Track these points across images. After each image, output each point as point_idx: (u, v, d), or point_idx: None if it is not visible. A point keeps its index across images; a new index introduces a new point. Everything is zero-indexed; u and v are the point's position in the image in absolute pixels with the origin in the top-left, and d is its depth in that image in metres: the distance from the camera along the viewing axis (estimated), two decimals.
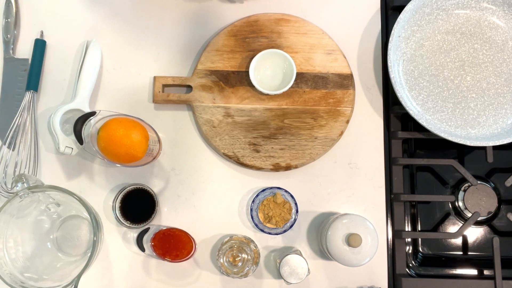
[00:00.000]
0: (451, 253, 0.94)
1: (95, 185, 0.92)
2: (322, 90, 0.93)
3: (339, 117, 0.93)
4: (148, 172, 0.93)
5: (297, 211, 0.88)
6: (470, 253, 0.94)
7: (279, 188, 0.89)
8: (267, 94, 0.92)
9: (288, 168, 0.92)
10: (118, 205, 0.88)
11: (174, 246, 0.85)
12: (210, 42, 0.95)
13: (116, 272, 0.90)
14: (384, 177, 0.94)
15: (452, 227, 0.95)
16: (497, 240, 0.90)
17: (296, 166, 0.92)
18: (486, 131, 0.93)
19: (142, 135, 0.82)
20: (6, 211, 0.79)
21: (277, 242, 0.92)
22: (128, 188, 0.89)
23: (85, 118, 0.81)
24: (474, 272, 0.93)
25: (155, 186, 0.92)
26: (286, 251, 0.89)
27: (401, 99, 0.89)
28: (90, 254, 0.78)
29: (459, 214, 0.94)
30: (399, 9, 0.93)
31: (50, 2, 0.97)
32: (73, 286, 0.76)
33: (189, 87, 0.94)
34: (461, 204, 0.93)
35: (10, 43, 0.95)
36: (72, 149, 0.89)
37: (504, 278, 0.89)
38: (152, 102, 0.94)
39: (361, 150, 0.94)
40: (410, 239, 0.94)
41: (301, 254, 0.86)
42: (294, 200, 0.88)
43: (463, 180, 0.94)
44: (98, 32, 0.97)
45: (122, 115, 0.83)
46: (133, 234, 0.91)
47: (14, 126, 0.89)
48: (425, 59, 0.95)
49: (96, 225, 0.79)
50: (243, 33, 0.95)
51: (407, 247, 0.93)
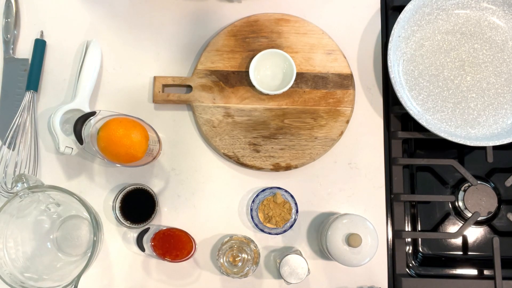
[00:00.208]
0: (451, 253, 0.94)
1: (95, 185, 0.92)
2: (322, 90, 0.93)
3: (339, 117, 0.93)
4: (148, 172, 0.93)
5: (297, 211, 0.88)
6: (470, 253, 0.94)
7: (279, 188, 0.89)
8: (267, 94, 0.92)
9: (288, 168, 0.92)
10: (118, 205, 0.88)
11: (174, 246, 0.85)
12: (210, 42, 0.95)
13: (116, 272, 0.90)
14: (384, 177, 0.94)
15: (452, 227, 0.95)
16: (497, 240, 0.90)
17: (296, 166, 0.92)
18: (486, 131, 0.93)
19: (142, 135, 0.82)
20: (6, 211, 0.79)
21: (277, 242, 0.92)
22: (128, 188, 0.89)
23: (85, 118, 0.81)
24: (474, 272, 0.93)
25: (155, 186, 0.92)
26: (286, 251, 0.89)
27: (401, 99, 0.89)
28: (90, 254, 0.78)
29: (459, 214, 0.94)
30: (399, 9, 0.93)
31: (50, 2, 0.97)
32: (73, 286, 0.76)
33: (189, 87, 0.94)
34: (461, 204, 0.93)
35: (10, 43, 0.95)
36: (72, 149, 0.89)
37: (504, 278, 0.89)
38: (152, 102, 0.94)
39: (361, 150, 0.94)
40: (410, 239, 0.94)
41: (301, 254, 0.86)
42: (294, 200, 0.88)
43: (463, 180, 0.94)
44: (98, 32, 0.97)
45: (122, 115, 0.83)
46: (133, 234, 0.91)
47: (14, 126, 0.89)
48: (425, 59, 0.95)
49: (96, 225, 0.79)
50: (243, 33, 0.95)
51: (407, 247, 0.93)
